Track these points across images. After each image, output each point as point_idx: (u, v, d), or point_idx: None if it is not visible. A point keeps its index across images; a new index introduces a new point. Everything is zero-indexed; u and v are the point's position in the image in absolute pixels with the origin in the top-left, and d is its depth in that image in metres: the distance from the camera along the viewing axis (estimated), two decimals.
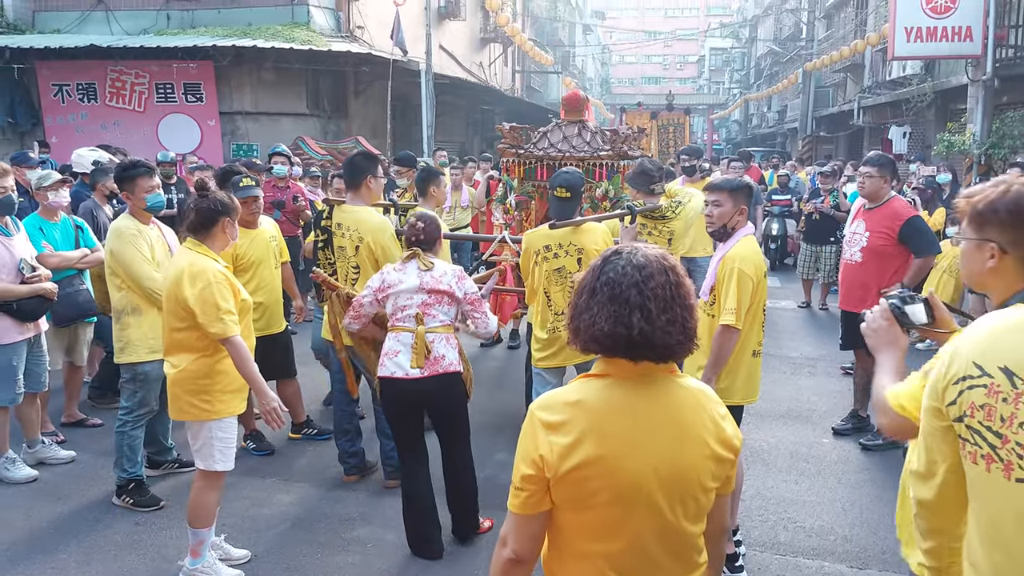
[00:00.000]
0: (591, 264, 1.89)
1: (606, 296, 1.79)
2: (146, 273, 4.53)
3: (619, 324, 1.76)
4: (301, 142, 12.78)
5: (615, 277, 1.79)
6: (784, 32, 37.06)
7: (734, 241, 3.83)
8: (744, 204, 3.89)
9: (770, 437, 5.58)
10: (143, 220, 4.66)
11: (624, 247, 1.87)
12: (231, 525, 4.37)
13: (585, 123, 6.12)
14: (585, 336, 1.82)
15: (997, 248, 1.88)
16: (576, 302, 1.86)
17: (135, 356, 4.56)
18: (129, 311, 4.57)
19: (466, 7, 22.14)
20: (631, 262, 1.81)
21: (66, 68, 13.50)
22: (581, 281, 1.87)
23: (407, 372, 3.91)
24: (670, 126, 19.47)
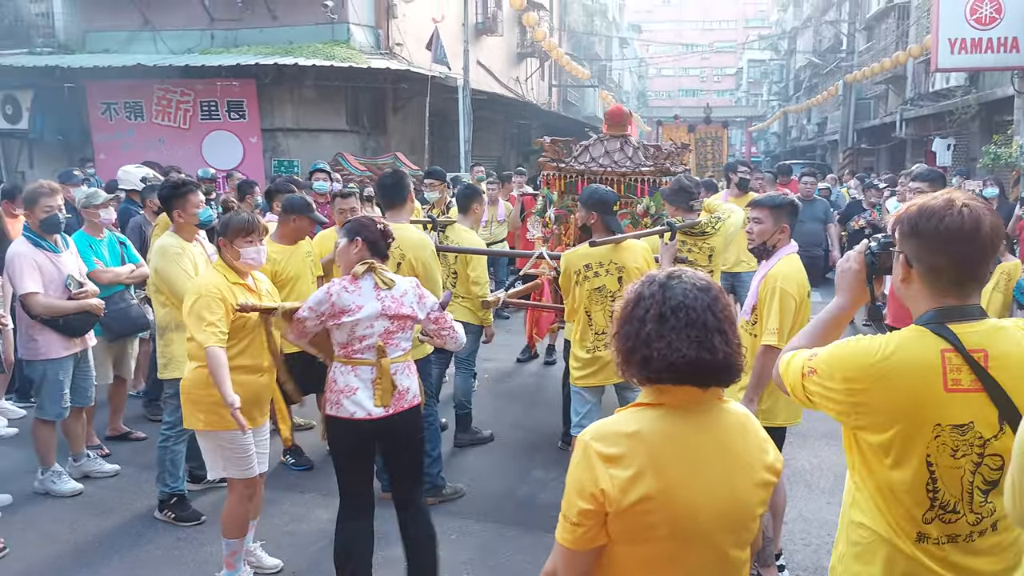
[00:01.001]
0: (639, 291, 1.82)
1: (682, 321, 1.73)
2: (183, 287, 4.58)
3: (703, 349, 1.72)
4: (341, 158, 12.93)
5: (687, 301, 1.74)
6: (824, 44, 36.69)
7: (776, 259, 3.77)
8: (786, 222, 3.82)
9: (813, 458, 5.48)
10: (187, 237, 4.72)
11: (675, 271, 1.83)
12: (271, 540, 4.40)
13: (628, 138, 6.08)
14: (659, 365, 1.73)
15: (904, 261, 1.90)
16: (639, 331, 1.77)
17: (178, 372, 4.60)
18: (173, 327, 4.63)
19: (503, 23, 22.27)
20: (695, 285, 1.78)
21: (114, 87, 13.83)
22: (633, 309, 1.80)
23: (370, 412, 3.40)
24: (708, 139, 19.33)
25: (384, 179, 5.05)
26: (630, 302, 1.82)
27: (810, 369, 1.95)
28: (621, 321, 1.82)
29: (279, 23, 14.58)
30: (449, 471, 5.13)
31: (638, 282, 1.85)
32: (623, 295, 1.86)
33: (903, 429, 1.84)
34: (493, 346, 6.87)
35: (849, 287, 2.08)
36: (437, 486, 4.89)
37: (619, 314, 1.84)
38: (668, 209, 5.37)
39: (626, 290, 1.87)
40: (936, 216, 1.82)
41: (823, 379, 1.92)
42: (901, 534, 1.90)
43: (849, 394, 1.88)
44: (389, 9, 15.81)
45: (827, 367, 1.91)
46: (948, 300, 1.86)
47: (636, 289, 1.83)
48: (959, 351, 1.82)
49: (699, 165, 18.31)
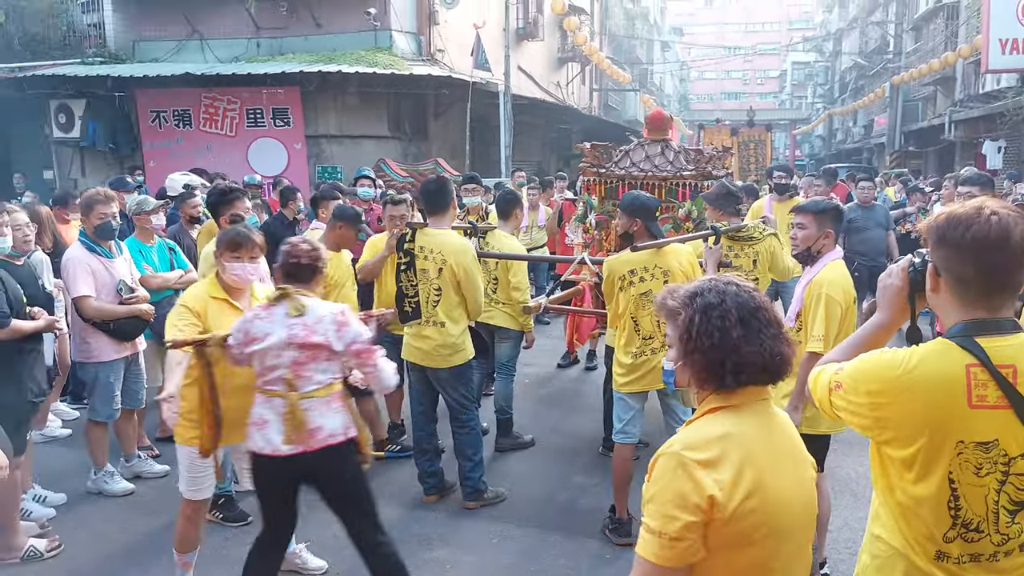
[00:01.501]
0: (704, 302, 1.82)
1: (762, 322, 1.80)
2: None
3: (784, 343, 1.83)
4: (383, 164, 13.06)
5: (753, 304, 1.81)
6: (870, 45, 36.09)
7: (821, 265, 3.73)
8: (830, 227, 3.78)
9: (858, 466, 5.40)
10: None
11: (711, 279, 1.89)
12: (317, 541, 4.46)
13: (668, 142, 6.07)
14: (753, 368, 1.78)
15: (933, 271, 1.86)
16: (724, 339, 1.77)
17: None
18: None
19: (544, 28, 22.30)
20: (744, 288, 1.85)
21: (163, 95, 14.14)
22: (707, 320, 1.79)
23: (276, 448, 3.20)
24: (751, 143, 19.13)
25: (428, 185, 5.08)
26: (698, 313, 1.81)
27: (836, 383, 1.93)
28: (696, 335, 1.80)
29: (323, 31, 14.79)
30: (490, 475, 5.16)
31: (686, 295, 1.86)
32: (675, 311, 1.86)
33: (925, 444, 1.80)
34: (534, 351, 6.89)
35: (890, 303, 2.01)
36: (479, 490, 4.92)
37: (687, 329, 1.82)
38: (713, 214, 5.32)
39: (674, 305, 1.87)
40: (963, 224, 1.77)
41: (848, 393, 1.89)
42: (919, 551, 1.86)
43: (872, 408, 1.85)
44: (431, 16, 15.93)
45: (852, 381, 1.89)
46: (978, 312, 1.81)
47: (696, 302, 1.83)
48: (985, 366, 1.76)
49: (742, 169, 18.14)
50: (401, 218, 5.51)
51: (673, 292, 1.91)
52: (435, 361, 4.82)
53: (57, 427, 6.25)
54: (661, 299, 1.93)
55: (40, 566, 4.24)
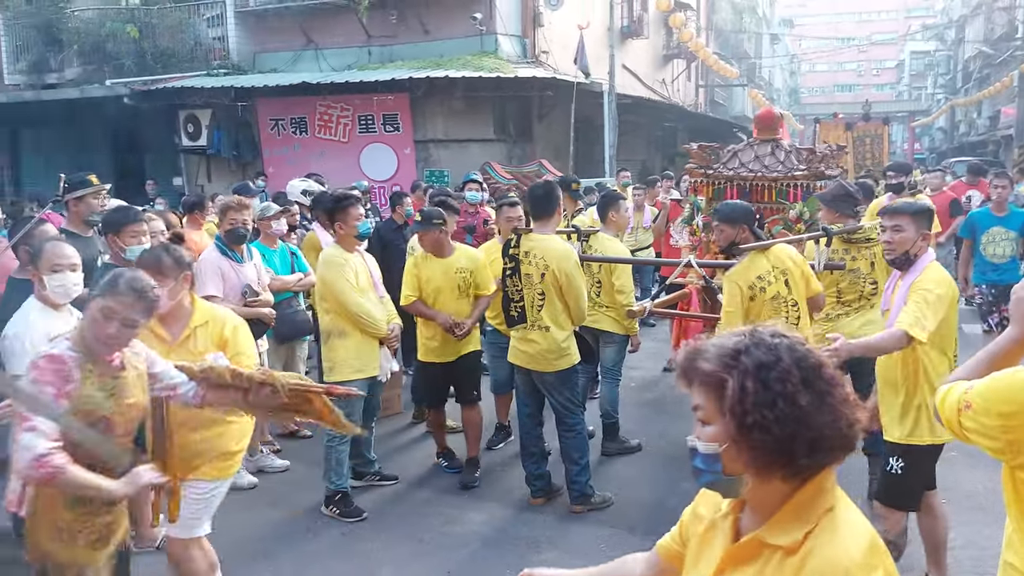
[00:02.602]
0: (755, 359, 1.42)
1: (828, 382, 1.44)
2: (352, 299, 4.85)
3: (857, 408, 1.48)
4: (488, 167, 13.23)
5: (813, 359, 1.46)
6: (996, 32, 34.05)
7: (919, 270, 3.55)
8: (927, 228, 3.60)
9: (988, 481, 5.14)
10: (348, 248, 5.00)
11: (754, 329, 1.50)
12: (427, 540, 4.61)
13: (779, 141, 5.92)
14: (831, 442, 1.42)
15: None
16: (790, 409, 1.39)
17: (339, 375, 4.88)
18: (336, 334, 4.92)
19: (649, 25, 22.06)
20: (796, 339, 1.49)
21: (281, 104, 14.77)
22: (763, 386, 1.40)
23: None
24: (867, 137, 18.28)
25: (535, 190, 5.15)
26: (750, 378, 1.41)
27: (966, 403, 1.82)
28: (753, 407, 1.39)
29: (431, 37, 15.10)
30: (597, 479, 5.18)
31: (726, 354, 1.45)
32: (712, 376, 1.45)
33: None
34: (639, 355, 6.86)
35: (1019, 318, 1.91)
36: (585, 494, 4.95)
37: (738, 400, 1.41)
38: (828, 215, 5.13)
39: (710, 369, 1.46)
40: None
41: (978, 414, 1.78)
42: None
43: (1005, 431, 1.74)
44: (535, 18, 16.02)
45: (983, 401, 1.78)
46: None
47: (743, 362, 1.43)
48: None
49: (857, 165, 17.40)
50: (519, 220, 5.60)
51: (702, 351, 1.49)
52: (541, 365, 4.89)
53: None
54: (687, 361, 1.50)
55: None
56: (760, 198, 5.74)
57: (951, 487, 5.24)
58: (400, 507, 5.13)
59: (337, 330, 4.92)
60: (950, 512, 4.87)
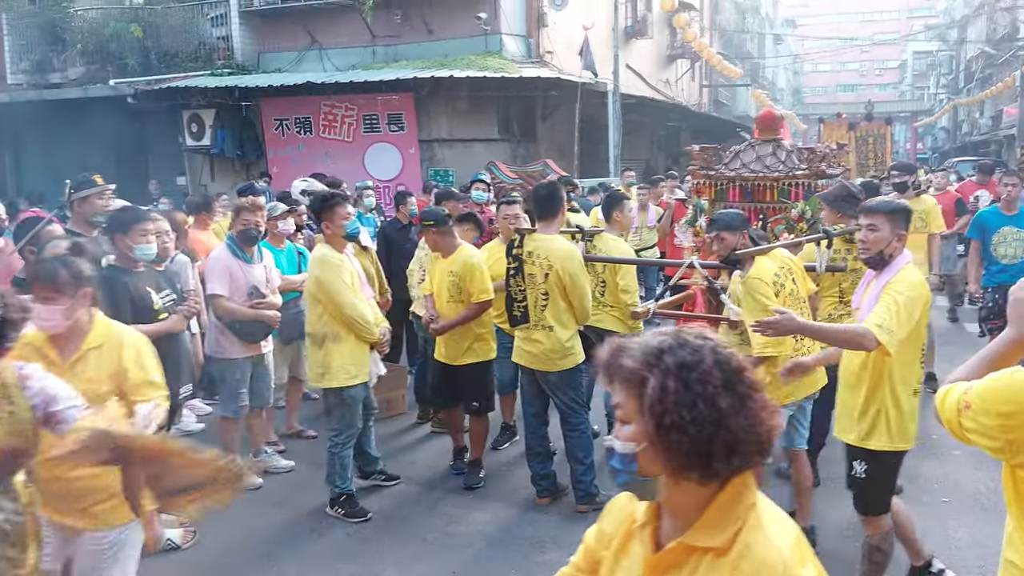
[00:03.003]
0: (677, 359, 1.39)
1: (749, 386, 1.42)
2: (349, 302, 4.78)
3: (775, 414, 1.47)
4: (493, 167, 13.22)
5: (735, 363, 1.43)
6: (999, 32, 33.96)
7: (896, 270, 3.47)
8: (903, 229, 3.52)
9: (990, 481, 5.14)
10: (338, 249, 4.93)
11: (679, 331, 1.47)
12: (431, 540, 4.62)
13: (780, 142, 5.94)
14: (749, 446, 1.40)
15: None
16: (710, 411, 1.36)
17: (336, 382, 4.83)
18: (331, 338, 4.81)
19: (653, 25, 22.05)
20: (720, 343, 1.46)
21: (285, 104, 14.77)
22: (685, 387, 1.37)
23: None
24: (869, 137, 18.24)
25: (539, 190, 5.14)
26: (671, 377, 1.37)
27: (965, 404, 1.84)
28: (673, 406, 1.36)
29: (435, 37, 15.10)
30: (603, 479, 5.17)
31: (649, 353, 1.41)
32: (634, 374, 1.41)
33: None
34: None
35: (1020, 319, 1.91)
36: (591, 494, 4.95)
37: (658, 398, 1.37)
38: (830, 216, 5.13)
39: (632, 367, 1.42)
40: None
41: (977, 414, 1.80)
42: None
43: (1004, 430, 1.76)
44: (540, 18, 16.02)
45: (981, 401, 1.80)
46: None
47: (665, 361, 1.39)
48: None
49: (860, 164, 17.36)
50: (516, 218, 5.60)
51: (625, 349, 1.45)
52: (545, 365, 4.89)
53: (192, 422, 6.66)
54: (610, 357, 1.46)
55: (177, 556, 4.52)
56: (762, 198, 5.76)
57: (954, 487, 5.25)
58: (405, 507, 5.14)
59: (332, 334, 4.82)
60: (954, 511, 4.91)
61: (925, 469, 5.48)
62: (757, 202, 5.76)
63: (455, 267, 5.26)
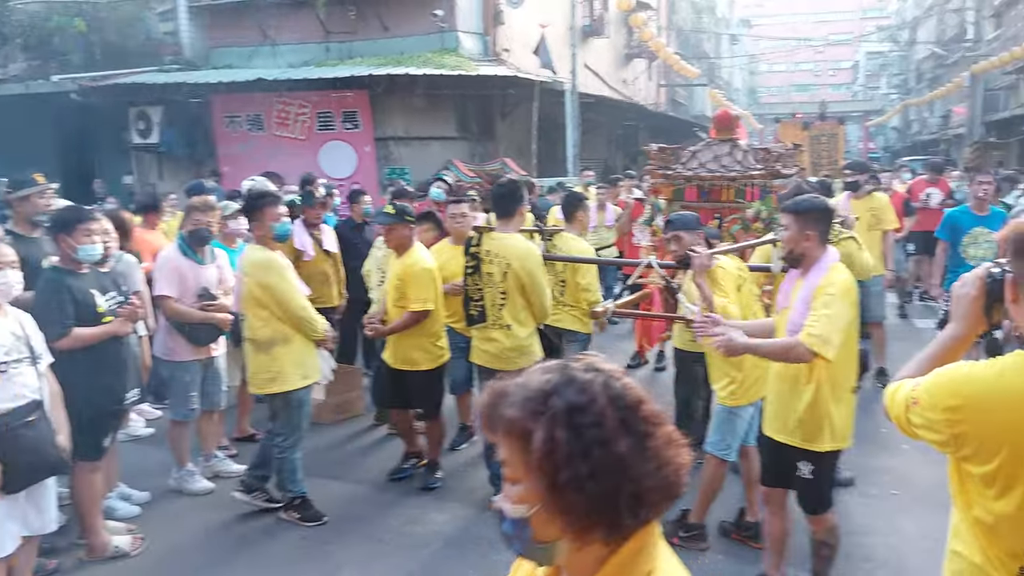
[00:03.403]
0: (565, 402, 1.19)
1: (650, 422, 1.24)
2: (300, 302, 4.67)
3: (681, 448, 1.29)
4: (451, 165, 13.16)
5: (632, 396, 1.25)
6: (947, 33, 34.82)
7: (822, 271, 3.46)
8: (813, 229, 3.48)
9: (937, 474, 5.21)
10: (274, 249, 4.78)
11: (564, 365, 1.27)
12: (388, 541, 4.56)
13: (736, 142, 6.00)
14: (657, 493, 1.21)
15: (1013, 282, 1.80)
16: (608, 460, 1.17)
17: (288, 384, 4.70)
18: (280, 341, 4.66)
19: (610, 24, 22.13)
20: (612, 373, 1.27)
21: (236, 100, 14.49)
22: (575, 435, 1.17)
23: None
24: (823, 136, 18.56)
25: (498, 189, 5.10)
26: (560, 426, 1.17)
27: (913, 400, 1.88)
28: (565, 460, 1.16)
29: (390, 34, 14.96)
30: None
31: (533, 398, 1.21)
32: (517, 425, 1.21)
33: (1006, 460, 1.76)
34: (604, 352, 6.84)
35: (965, 315, 1.94)
36: None
37: (546, 453, 1.17)
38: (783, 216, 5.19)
39: (515, 416, 1.21)
40: None
41: (925, 409, 1.85)
42: (1000, 568, 1.82)
43: (950, 424, 1.80)
44: (496, 16, 15.98)
45: (928, 396, 1.84)
46: None
47: (552, 405, 1.19)
48: None
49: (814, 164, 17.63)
50: (463, 216, 5.59)
51: (506, 395, 1.23)
52: (503, 364, 4.85)
53: (140, 426, 6.50)
54: (489, 405, 1.25)
55: (126, 564, 4.40)
56: (718, 198, 5.81)
57: (903, 480, 5.34)
58: (361, 508, 5.07)
59: (281, 337, 4.67)
60: (903, 504, 4.99)
61: (875, 463, 5.57)
62: (714, 202, 5.82)
63: (399, 269, 5.14)
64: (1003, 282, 1.84)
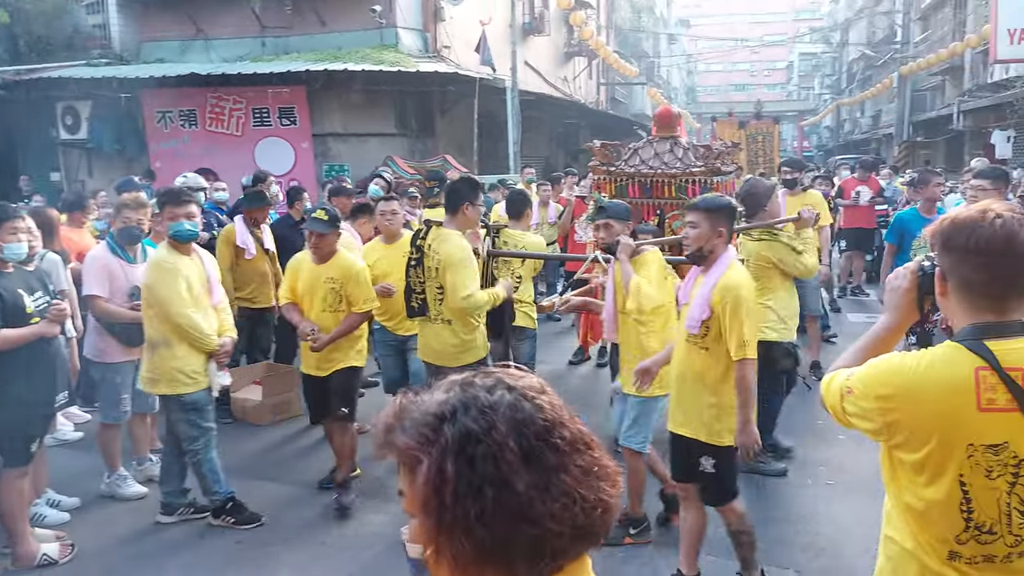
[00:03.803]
0: (459, 429, 1.01)
1: (562, 451, 1.06)
2: (177, 310, 4.44)
3: (607, 481, 1.11)
4: (391, 162, 13.04)
5: (542, 420, 1.07)
6: (877, 35, 35.95)
7: (723, 267, 3.52)
8: (723, 226, 3.55)
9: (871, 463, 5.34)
10: (182, 251, 4.59)
11: (470, 379, 1.12)
12: (328, 543, 4.47)
13: (677, 139, 6.06)
14: (563, 537, 1.02)
15: (941, 275, 1.85)
16: (503, 500, 0.99)
17: (166, 388, 4.53)
18: (163, 343, 4.52)
19: (550, 23, 22.22)
20: (523, 390, 1.10)
21: (169, 95, 14.12)
22: (468, 467, 0.99)
23: None
24: (759, 135, 18.98)
25: (450, 185, 5.15)
26: (450, 458, 0.99)
27: (847, 389, 1.92)
28: (453, 499, 0.98)
29: (328, 29, 14.76)
30: None
31: (425, 421, 1.03)
32: (408, 454, 1.03)
33: (936, 448, 1.81)
34: (546, 349, 6.88)
35: (897, 306, 1.99)
36: None
37: (435, 489, 0.99)
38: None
39: (406, 443, 1.03)
40: (968, 228, 1.78)
41: (858, 398, 1.89)
42: (931, 552, 1.87)
43: (882, 413, 1.85)
44: (436, 12, 15.89)
45: (862, 386, 1.89)
46: (986, 316, 1.81)
47: (445, 433, 1.01)
48: (995, 369, 1.76)
49: (750, 162, 18.03)
50: (393, 214, 5.64)
51: (404, 415, 1.06)
52: (445, 360, 4.81)
53: (69, 430, 6.27)
54: (385, 428, 1.07)
55: (54, 572, 4.24)
56: (660, 194, 5.86)
57: (839, 470, 5.46)
58: (300, 511, 4.97)
59: (163, 340, 4.50)
60: (839, 493, 5.10)
61: (811, 454, 5.68)
62: (656, 198, 5.87)
63: (334, 273, 4.95)
64: (933, 275, 1.89)
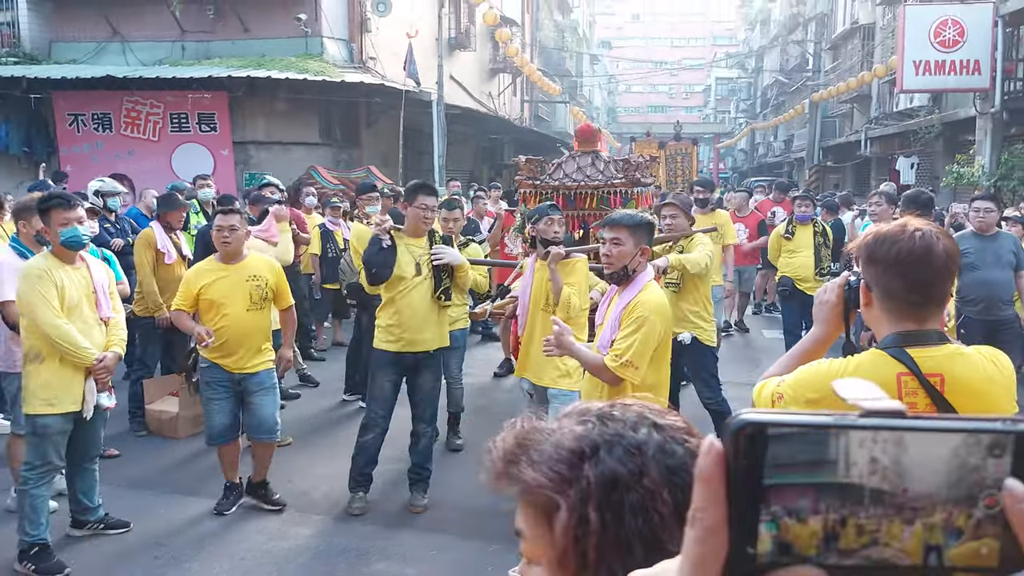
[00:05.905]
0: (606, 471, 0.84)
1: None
2: (45, 319, 4.09)
3: None
4: (314, 172, 12.88)
5: (692, 458, 0.85)
6: (790, 63, 37.35)
7: (640, 286, 3.45)
8: (645, 243, 3.49)
9: None
10: (64, 259, 4.26)
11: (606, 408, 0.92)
12: (250, 559, 4.36)
13: (598, 153, 6.32)
14: None
15: (865, 286, 1.95)
16: (655, 546, 0.81)
17: (29, 408, 4.22)
18: (32, 357, 4.20)
19: (476, 38, 22.38)
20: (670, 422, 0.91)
21: (82, 98, 13.65)
22: (624, 509, 0.82)
23: None
24: (678, 156, 19.63)
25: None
26: (599, 506, 0.82)
27: (778, 395, 2.00)
28: (601, 546, 0.82)
29: (251, 36, 14.52)
30: (432, 486, 5.12)
31: (563, 458, 0.85)
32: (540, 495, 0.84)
33: None
34: (472, 361, 6.90)
35: (826, 320, 2.08)
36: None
37: (578, 537, 0.82)
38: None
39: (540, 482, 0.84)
40: (889, 241, 1.88)
41: (788, 404, 1.96)
42: None
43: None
44: (363, 23, 15.82)
45: (792, 391, 1.97)
46: (907, 324, 1.92)
47: (588, 474, 0.83)
48: (915, 375, 1.87)
49: (669, 180, 18.58)
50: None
51: (529, 445, 0.88)
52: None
53: None
54: (506, 458, 0.88)
55: None
56: (584, 205, 6.08)
57: None
58: (221, 525, 4.82)
59: (33, 353, 4.17)
60: None
61: None
62: (579, 209, 6.06)
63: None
64: (859, 289, 1.99)
